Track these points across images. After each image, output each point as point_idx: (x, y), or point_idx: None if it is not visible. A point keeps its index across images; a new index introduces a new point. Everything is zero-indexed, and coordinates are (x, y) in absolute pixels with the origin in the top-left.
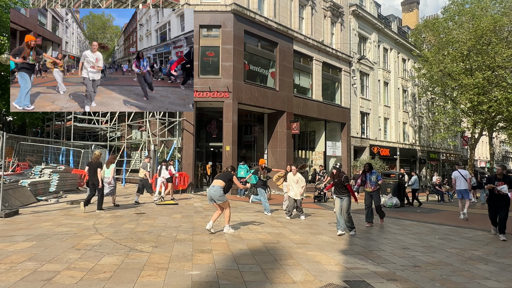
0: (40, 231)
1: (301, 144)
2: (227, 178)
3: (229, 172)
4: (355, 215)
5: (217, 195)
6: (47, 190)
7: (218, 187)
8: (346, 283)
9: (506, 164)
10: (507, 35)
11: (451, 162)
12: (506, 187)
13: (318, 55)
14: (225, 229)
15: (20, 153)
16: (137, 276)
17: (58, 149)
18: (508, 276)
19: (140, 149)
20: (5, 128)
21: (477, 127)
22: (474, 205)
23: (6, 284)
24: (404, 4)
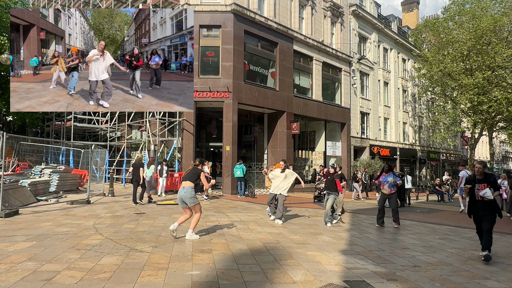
0: (40, 231)
1: (301, 144)
2: (195, 176)
3: (196, 168)
4: (356, 215)
5: (188, 197)
6: (47, 190)
7: (189, 188)
8: (346, 283)
9: (506, 164)
10: (507, 35)
11: (451, 162)
12: (489, 191)
13: (318, 55)
14: (187, 235)
15: (20, 153)
16: (137, 276)
17: (58, 149)
18: (508, 276)
19: (140, 149)
20: (5, 128)
21: (477, 127)
22: None
23: (6, 284)
24: (404, 4)
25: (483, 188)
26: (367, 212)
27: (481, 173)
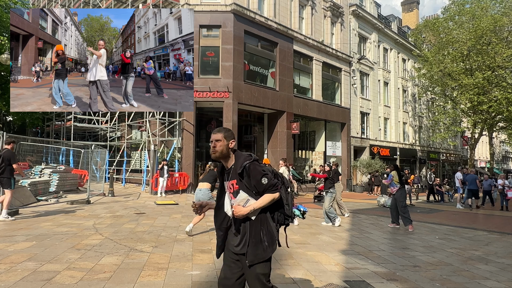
0: (40, 231)
1: (301, 144)
2: (212, 178)
3: (212, 171)
4: (356, 215)
5: (206, 199)
6: (47, 190)
7: (205, 190)
8: (346, 283)
9: (506, 164)
10: (507, 35)
11: (451, 162)
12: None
13: (318, 55)
14: (188, 227)
15: (20, 153)
16: (137, 276)
17: (58, 149)
18: (508, 276)
19: (140, 149)
20: (5, 128)
21: (477, 127)
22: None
23: (6, 284)
24: (404, 4)
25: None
26: (367, 212)
27: None
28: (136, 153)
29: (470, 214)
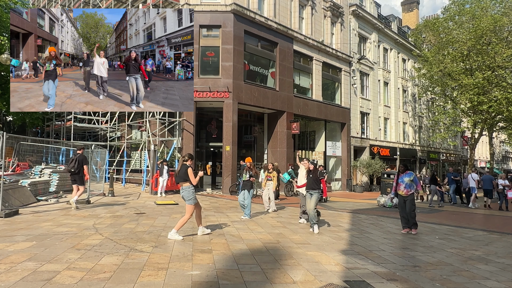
0: (40, 231)
1: (301, 144)
2: (185, 175)
3: (184, 165)
4: (356, 216)
5: (186, 197)
6: (47, 190)
7: (186, 188)
8: (346, 283)
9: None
10: (507, 35)
11: (451, 162)
12: None
13: (318, 55)
14: (170, 234)
15: (20, 153)
16: (137, 276)
17: (58, 149)
18: (508, 276)
19: (140, 149)
20: (5, 128)
21: (477, 127)
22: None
23: (6, 284)
24: (404, 4)
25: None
26: (367, 212)
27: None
28: (136, 153)
29: (472, 214)
